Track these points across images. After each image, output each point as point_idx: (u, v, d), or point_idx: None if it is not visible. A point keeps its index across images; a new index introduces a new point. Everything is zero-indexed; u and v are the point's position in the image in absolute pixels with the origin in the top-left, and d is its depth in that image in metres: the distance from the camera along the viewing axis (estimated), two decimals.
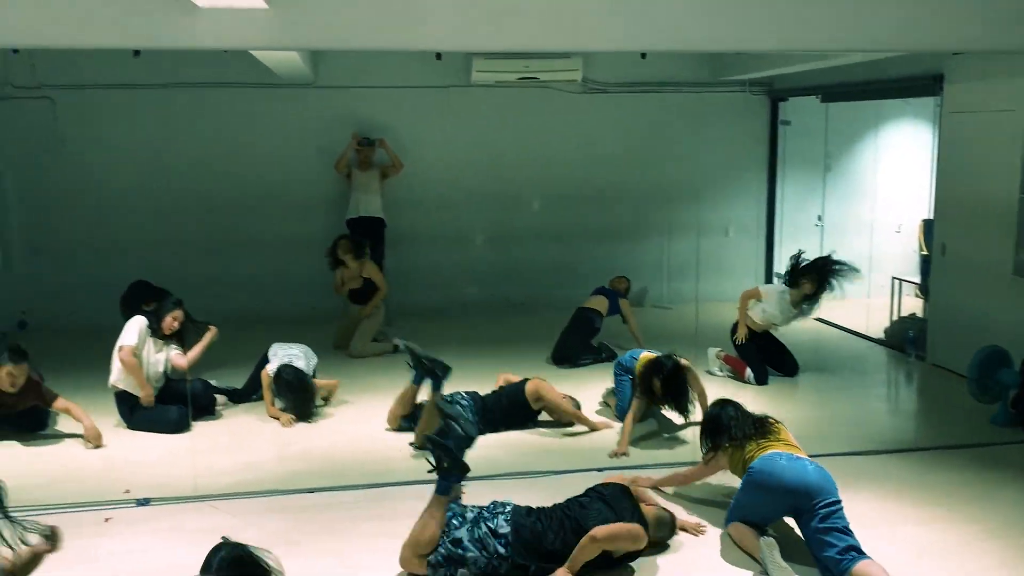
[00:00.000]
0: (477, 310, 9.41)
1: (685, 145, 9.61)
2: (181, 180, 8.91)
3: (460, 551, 3.81)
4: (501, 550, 3.84)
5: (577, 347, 7.51)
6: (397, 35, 4.54)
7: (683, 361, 5.67)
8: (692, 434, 5.28)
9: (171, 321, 5.98)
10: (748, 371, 6.97)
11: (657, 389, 5.53)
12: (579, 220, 9.68)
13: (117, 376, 5.91)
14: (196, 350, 6.12)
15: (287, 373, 6.05)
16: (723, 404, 4.58)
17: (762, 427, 4.40)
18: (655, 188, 9.76)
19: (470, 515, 3.94)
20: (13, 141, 8.67)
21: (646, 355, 5.95)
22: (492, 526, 3.89)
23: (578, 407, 5.96)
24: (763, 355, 7.10)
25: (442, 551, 3.82)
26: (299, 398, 6.06)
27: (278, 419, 6.04)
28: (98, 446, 5.59)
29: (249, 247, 9.11)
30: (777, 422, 4.47)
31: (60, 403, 5.71)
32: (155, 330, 5.97)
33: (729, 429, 4.40)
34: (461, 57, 8.90)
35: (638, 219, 9.80)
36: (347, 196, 8.97)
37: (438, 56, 8.63)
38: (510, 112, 9.42)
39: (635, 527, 3.91)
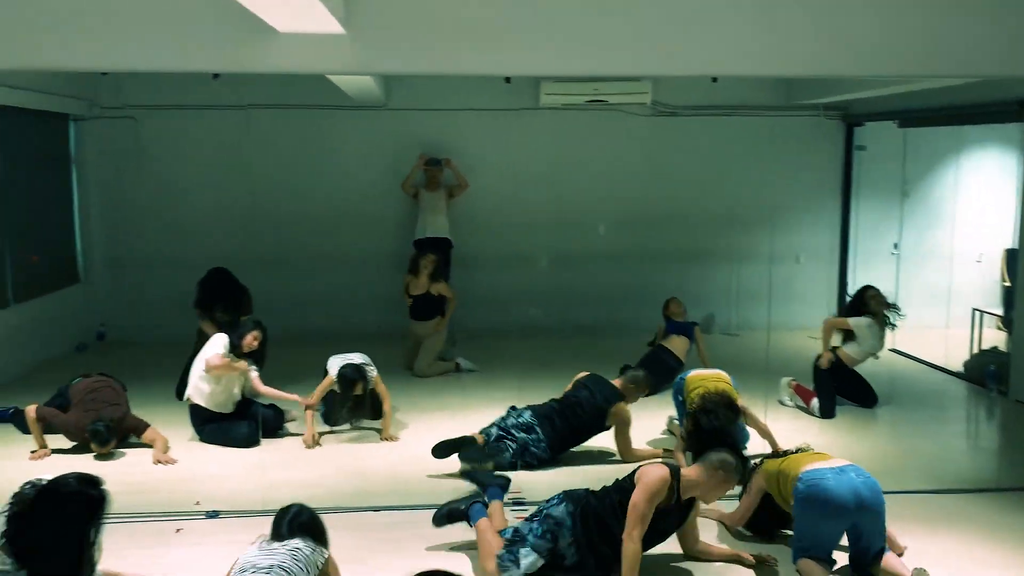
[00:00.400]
0: (540, 332, 9.39)
1: (756, 170, 9.46)
2: (257, 198, 9.12)
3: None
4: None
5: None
6: (471, 59, 4.58)
7: (739, 402, 5.38)
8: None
9: (251, 340, 6.09)
10: (814, 401, 6.78)
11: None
12: (646, 244, 9.60)
13: (194, 389, 6.05)
14: (273, 391, 6.19)
15: (348, 369, 6.08)
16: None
17: None
18: (724, 213, 9.64)
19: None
20: (98, 159, 9.01)
21: (695, 375, 5.77)
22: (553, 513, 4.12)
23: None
24: (840, 386, 6.88)
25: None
26: (358, 393, 6.06)
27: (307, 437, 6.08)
28: (166, 463, 5.72)
29: (320, 264, 9.27)
30: None
31: (149, 434, 5.88)
32: (235, 347, 6.08)
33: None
34: (529, 80, 8.95)
35: (706, 244, 9.68)
36: (415, 216, 9.08)
37: (507, 79, 8.69)
38: (578, 135, 9.42)
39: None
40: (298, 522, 3.50)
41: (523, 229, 9.48)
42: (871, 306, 6.87)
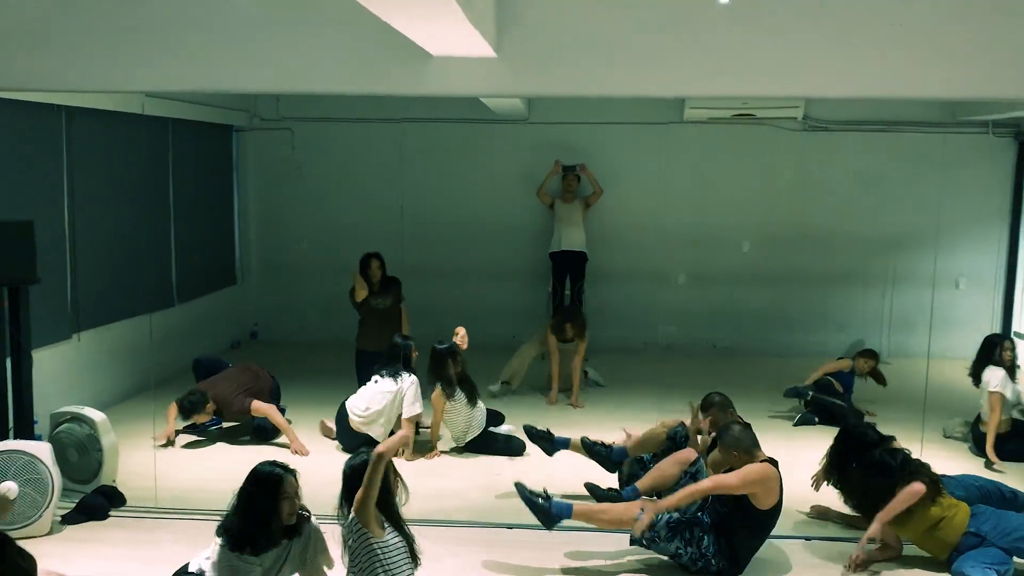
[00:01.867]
0: (676, 351, 9.21)
1: (915, 189, 8.97)
2: (405, 207, 9.37)
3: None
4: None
5: None
6: (618, 81, 4.56)
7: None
8: None
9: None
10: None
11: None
12: (792, 264, 9.27)
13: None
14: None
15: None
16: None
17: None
18: (878, 234, 9.18)
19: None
20: (257, 168, 9.52)
21: None
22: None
23: None
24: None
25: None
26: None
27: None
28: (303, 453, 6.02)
29: (461, 274, 9.42)
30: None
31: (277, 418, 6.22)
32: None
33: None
34: None
35: (858, 266, 9.26)
36: (551, 228, 9.11)
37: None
38: (723, 149, 9.21)
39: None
40: None
41: (662, 245, 9.34)
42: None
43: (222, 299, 9.13)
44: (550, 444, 5.56)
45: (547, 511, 4.48)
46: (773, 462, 4.43)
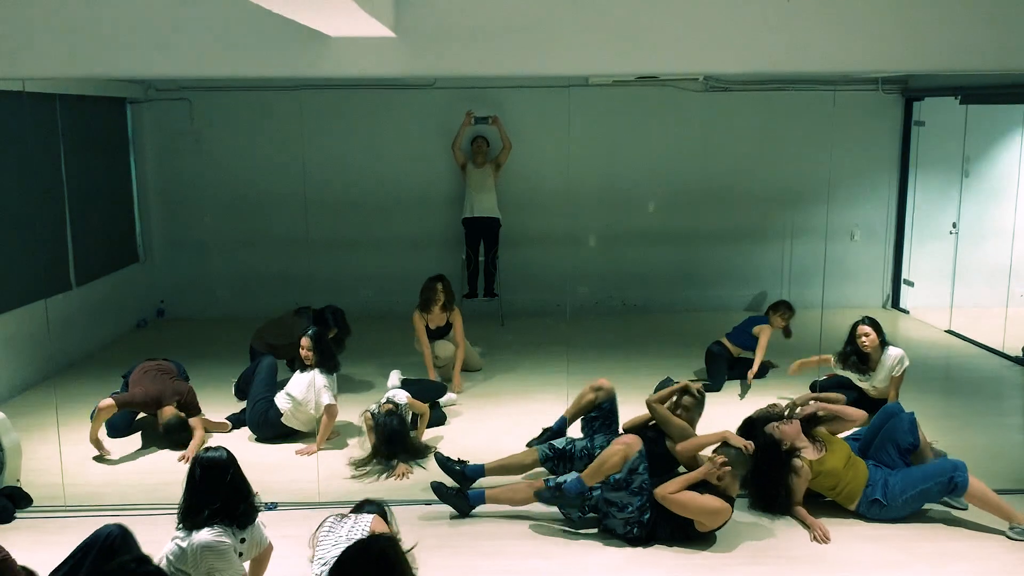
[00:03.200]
0: (589, 311, 9.41)
1: (811, 145, 9.28)
2: (309, 177, 9.22)
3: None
4: None
5: None
6: (518, 61, 4.56)
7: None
8: None
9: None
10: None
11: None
12: (697, 222, 9.52)
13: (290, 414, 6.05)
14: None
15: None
16: None
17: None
18: (777, 190, 9.49)
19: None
20: (154, 140, 9.18)
21: None
22: None
23: None
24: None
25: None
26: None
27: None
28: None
29: (371, 244, 9.37)
30: None
31: (196, 422, 5.97)
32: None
33: None
34: None
35: (758, 222, 9.56)
36: (463, 194, 9.10)
37: None
38: (627, 111, 9.32)
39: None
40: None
41: (572, 207, 9.44)
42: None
43: (125, 278, 8.84)
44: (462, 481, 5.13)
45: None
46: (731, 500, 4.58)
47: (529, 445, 5.44)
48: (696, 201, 9.48)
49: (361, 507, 3.88)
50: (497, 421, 6.42)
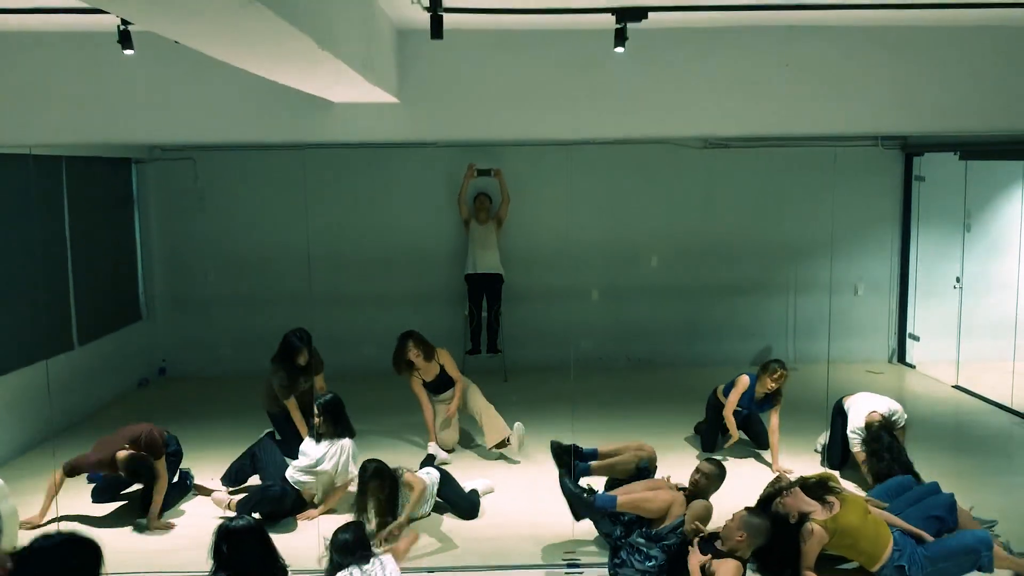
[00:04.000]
0: (593, 366, 9.36)
1: (813, 201, 9.30)
2: (313, 235, 9.24)
3: None
4: None
5: None
6: (520, 125, 4.62)
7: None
8: None
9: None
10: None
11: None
12: (700, 277, 9.53)
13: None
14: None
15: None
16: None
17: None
18: (779, 244, 9.51)
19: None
20: (159, 199, 9.25)
21: None
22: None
23: None
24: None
25: None
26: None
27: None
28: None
29: (375, 301, 9.36)
30: None
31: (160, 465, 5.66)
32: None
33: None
34: None
35: (762, 276, 9.57)
36: (465, 250, 9.13)
37: None
38: (629, 167, 9.39)
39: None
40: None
41: (574, 262, 9.46)
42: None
43: (127, 337, 8.83)
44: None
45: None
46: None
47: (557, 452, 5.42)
48: (699, 256, 9.50)
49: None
50: (503, 478, 6.34)
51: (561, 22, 4.35)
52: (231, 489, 6.06)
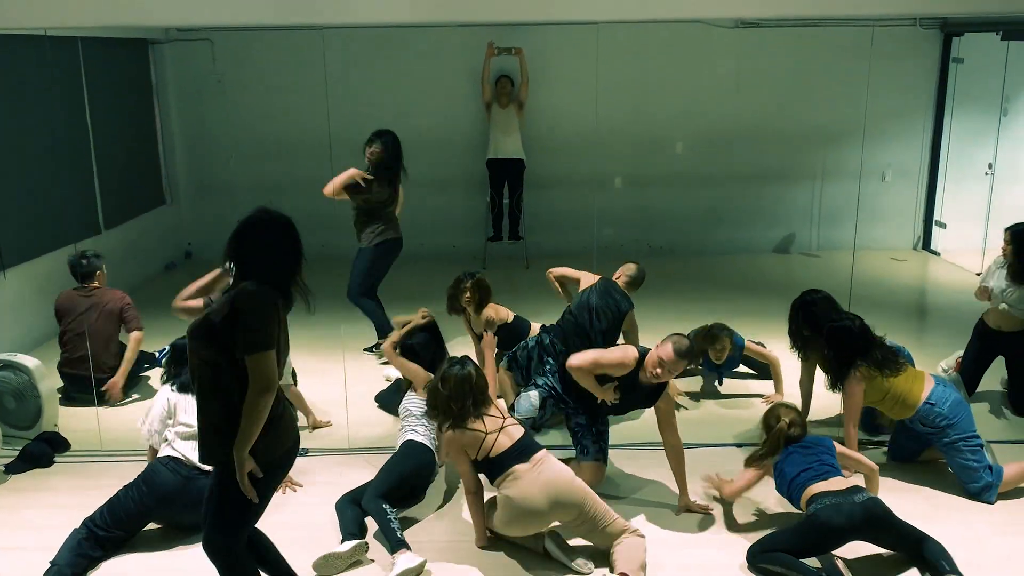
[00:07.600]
0: (615, 253, 9.32)
1: (844, 84, 9.03)
2: (333, 118, 9.12)
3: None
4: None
5: None
6: (544, 7, 4.46)
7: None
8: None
9: None
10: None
11: None
12: (725, 163, 9.38)
13: None
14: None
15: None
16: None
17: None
18: (809, 129, 9.30)
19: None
20: (177, 82, 9.13)
21: None
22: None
23: None
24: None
25: None
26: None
27: None
28: None
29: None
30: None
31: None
32: None
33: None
34: None
35: (789, 162, 9.41)
36: (487, 136, 9.00)
37: None
38: (656, 49, 9.11)
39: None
40: None
41: (598, 148, 9.33)
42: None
43: (152, 221, 8.91)
44: None
45: None
46: None
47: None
48: (725, 141, 9.33)
49: None
50: None
51: None
52: None
